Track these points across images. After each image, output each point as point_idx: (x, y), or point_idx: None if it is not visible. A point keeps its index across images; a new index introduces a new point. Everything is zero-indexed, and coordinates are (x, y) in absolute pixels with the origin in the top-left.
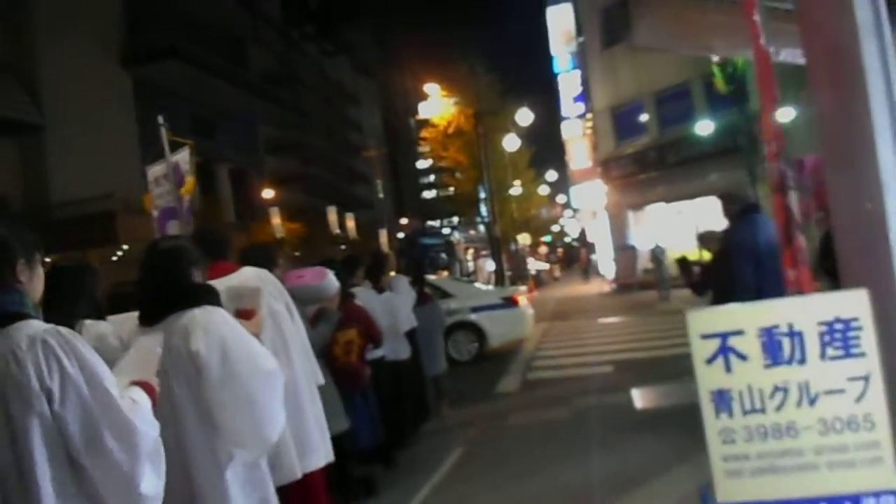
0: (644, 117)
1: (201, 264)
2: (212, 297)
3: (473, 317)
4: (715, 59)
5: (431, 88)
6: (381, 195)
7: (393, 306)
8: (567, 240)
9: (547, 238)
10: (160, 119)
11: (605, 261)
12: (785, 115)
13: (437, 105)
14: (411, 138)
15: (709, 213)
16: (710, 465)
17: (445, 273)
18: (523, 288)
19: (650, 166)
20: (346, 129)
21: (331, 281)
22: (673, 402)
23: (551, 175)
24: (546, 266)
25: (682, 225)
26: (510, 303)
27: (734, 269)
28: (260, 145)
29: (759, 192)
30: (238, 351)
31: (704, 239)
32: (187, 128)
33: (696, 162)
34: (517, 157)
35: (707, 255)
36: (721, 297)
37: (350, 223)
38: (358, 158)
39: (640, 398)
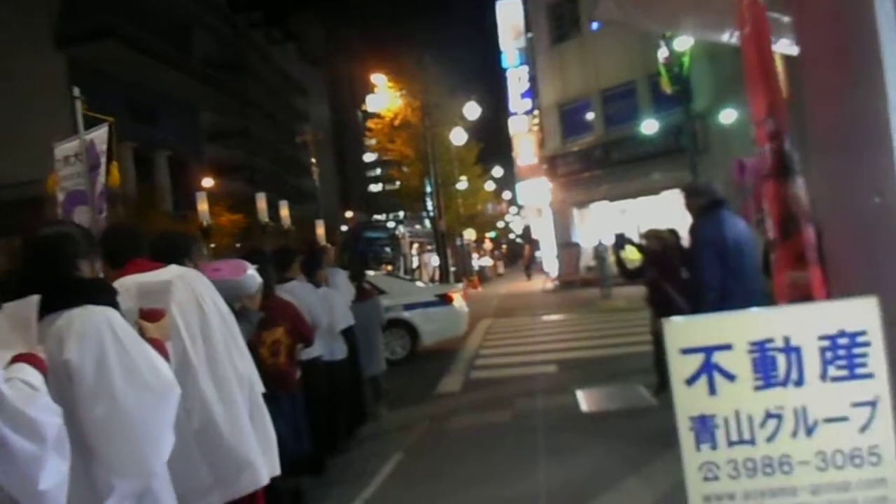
0: (590, 115)
1: (92, 256)
2: (100, 296)
3: (406, 314)
4: (661, 58)
5: (378, 79)
6: (317, 182)
7: (330, 302)
8: (511, 236)
9: (492, 234)
10: (75, 91)
11: (548, 258)
12: (726, 116)
13: (384, 97)
14: (359, 130)
15: (651, 212)
16: (679, 491)
17: (389, 268)
18: (460, 285)
19: (595, 164)
20: (292, 119)
21: (250, 276)
22: (618, 405)
23: (497, 171)
24: (490, 262)
25: (626, 223)
26: (444, 300)
27: (700, 268)
28: (202, 133)
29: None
30: (117, 360)
31: (649, 236)
32: (126, 113)
33: (640, 161)
34: (464, 152)
35: (634, 255)
36: (665, 302)
37: (284, 212)
38: (304, 150)
39: (585, 400)
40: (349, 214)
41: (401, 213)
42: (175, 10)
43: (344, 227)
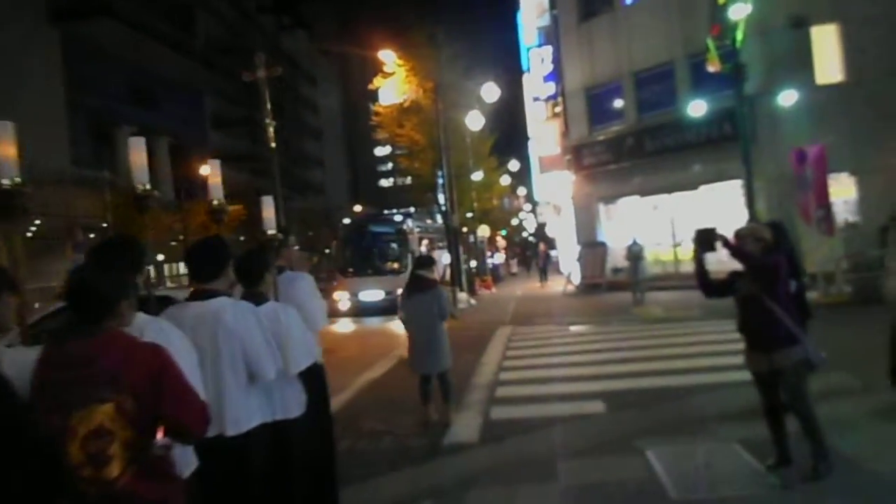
0: (621, 100)
1: None
2: None
3: None
4: (711, 30)
5: (386, 56)
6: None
7: (283, 330)
8: (524, 234)
9: (503, 231)
10: None
11: (567, 258)
12: (787, 98)
13: (393, 77)
14: (370, 124)
15: (689, 209)
16: None
17: (395, 265)
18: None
19: (626, 155)
20: (300, 109)
21: None
22: (728, 489)
23: (513, 165)
24: (503, 261)
25: (658, 221)
26: None
27: None
28: (206, 120)
29: (755, 185)
30: None
31: (744, 235)
32: (125, 96)
33: (677, 151)
34: (479, 143)
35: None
36: (768, 328)
37: (268, 213)
38: (311, 141)
39: (667, 473)
40: (358, 209)
41: (412, 209)
42: None
43: (346, 220)
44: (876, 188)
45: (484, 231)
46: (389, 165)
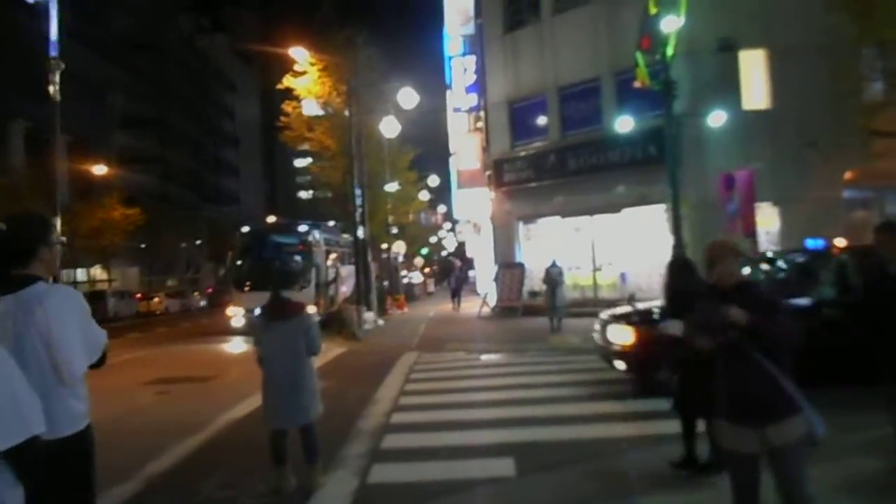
0: (545, 116)
1: None
2: None
3: None
4: (640, 43)
5: (298, 53)
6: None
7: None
8: (444, 253)
9: (423, 251)
10: None
11: (485, 279)
12: (715, 119)
13: (304, 76)
14: (279, 127)
15: (611, 233)
16: None
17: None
18: None
19: (548, 172)
20: (217, 114)
21: None
22: None
23: (434, 180)
24: (420, 279)
25: (579, 244)
26: None
27: None
28: (111, 119)
29: (681, 210)
30: None
31: (719, 252)
32: (20, 86)
33: (601, 171)
34: (398, 155)
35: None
36: None
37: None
38: (228, 148)
39: None
40: (272, 219)
41: (332, 223)
42: None
43: (245, 228)
44: (799, 219)
45: (399, 247)
46: (308, 177)
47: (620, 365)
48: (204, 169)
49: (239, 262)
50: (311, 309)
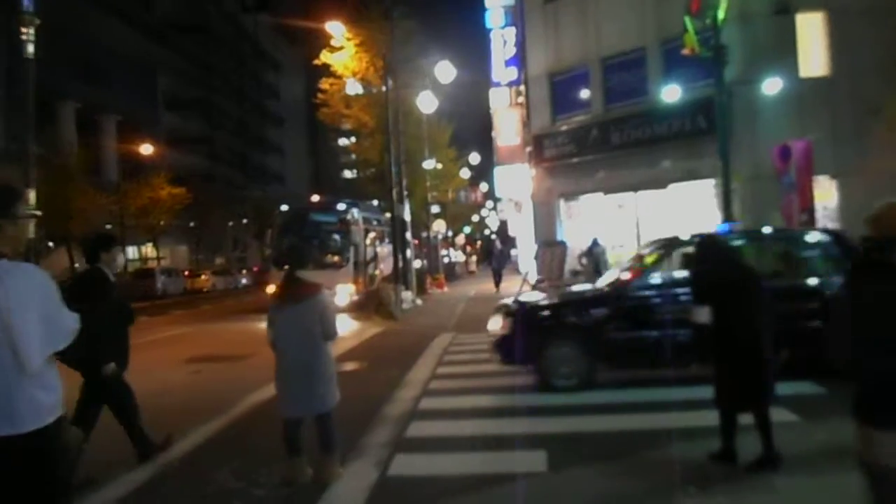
0: (587, 88)
1: None
2: None
3: None
4: (689, 8)
5: (335, 28)
6: None
7: None
8: (486, 232)
9: (466, 229)
10: None
11: (526, 257)
12: (770, 86)
13: (342, 51)
14: (316, 103)
15: (656, 210)
16: None
17: (337, 258)
18: None
19: (590, 148)
20: (262, 94)
21: None
22: None
23: (475, 158)
24: (463, 259)
25: (623, 221)
26: None
27: None
28: (158, 99)
29: (732, 184)
30: None
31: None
32: (71, 69)
33: (645, 146)
34: (437, 132)
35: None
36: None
37: None
38: (272, 128)
39: None
40: (315, 198)
41: (375, 202)
42: None
43: (284, 206)
44: (857, 193)
45: (439, 226)
46: (353, 156)
47: (495, 355)
48: (249, 148)
49: (278, 241)
50: (350, 288)
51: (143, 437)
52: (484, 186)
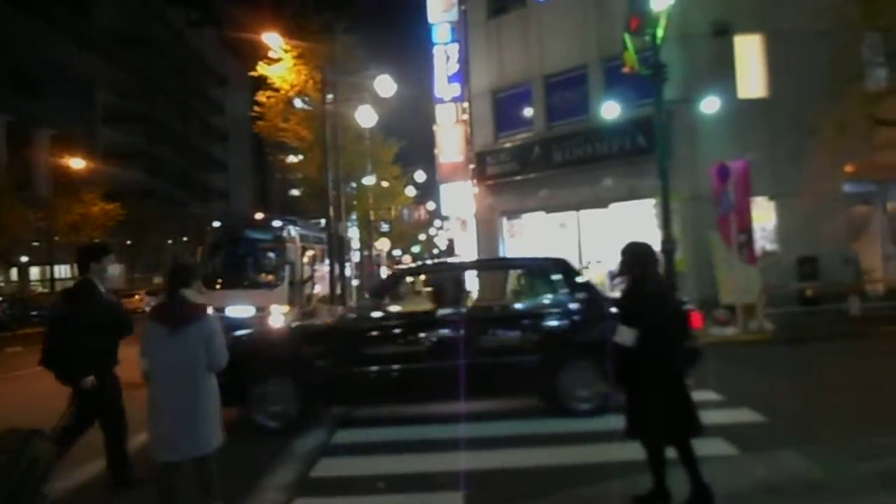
0: (530, 106)
1: None
2: None
3: None
4: (628, 24)
5: (271, 40)
6: None
7: None
8: (435, 252)
9: (416, 248)
10: None
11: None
12: (709, 105)
13: (279, 63)
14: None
15: (598, 229)
16: None
17: (270, 278)
18: None
19: (532, 166)
20: (206, 109)
21: None
22: None
23: (420, 175)
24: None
25: (565, 240)
26: None
27: None
28: (97, 113)
29: (671, 203)
30: None
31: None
32: (1, 82)
33: (587, 164)
34: (382, 149)
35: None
36: None
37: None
38: (217, 143)
39: None
40: (259, 216)
41: (322, 221)
42: None
43: (216, 223)
44: (795, 215)
45: (383, 244)
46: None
47: None
48: (192, 165)
49: (210, 259)
50: (284, 308)
51: (124, 462)
52: (432, 204)
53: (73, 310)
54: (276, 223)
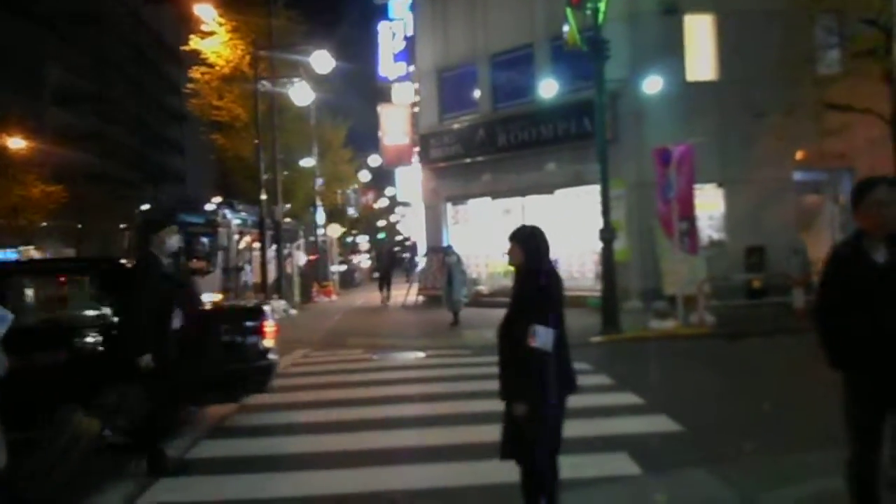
0: (476, 87)
1: None
2: None
3: None
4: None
5: (205, 12)
6: None
7: None
8: (399, 238)
9: (381, 235)
10: None
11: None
12: (651, 85)
13: (213, 37)
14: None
15: (544, 216)
16: None
17: (202, 264)
18: None
19: (477, 149)
20: (162, 89)
21: None
22: None
23: (375, 160)
24: (367, 265)
25: (510, 227)
26: None
27: None
28: (45, 92)
29: (612, 189)
30: None
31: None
32: None
33: (531, 148)
34: (329, 132)
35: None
36: None
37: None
38: (174, 125)
39: None
40: (217, 200)
41: (288, 205)
42: None
43: (145, 206)
44: (744, 202)
45: (334, 231)
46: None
47: None
48: (147, 146)
49: (138, 244)
50: (216, 297)
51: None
52: (391, 190)
53: (131, 285)
54: (209, 206)
